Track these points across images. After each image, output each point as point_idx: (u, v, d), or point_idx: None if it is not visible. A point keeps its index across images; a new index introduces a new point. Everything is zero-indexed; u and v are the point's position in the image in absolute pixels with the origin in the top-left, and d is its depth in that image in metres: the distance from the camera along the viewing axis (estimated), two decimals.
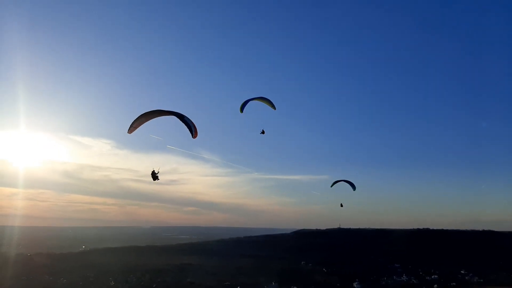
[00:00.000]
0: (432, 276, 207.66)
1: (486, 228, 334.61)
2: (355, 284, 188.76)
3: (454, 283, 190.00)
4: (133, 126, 29.46)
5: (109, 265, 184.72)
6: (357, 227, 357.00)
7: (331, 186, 54.90)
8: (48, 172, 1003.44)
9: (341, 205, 59.19)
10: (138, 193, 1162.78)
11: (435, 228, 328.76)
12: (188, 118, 29.10)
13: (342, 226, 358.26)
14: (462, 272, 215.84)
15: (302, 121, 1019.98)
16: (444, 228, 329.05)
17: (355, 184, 54.33)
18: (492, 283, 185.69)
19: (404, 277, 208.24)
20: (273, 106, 36.03)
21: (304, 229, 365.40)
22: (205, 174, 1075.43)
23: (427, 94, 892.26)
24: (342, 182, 54.51)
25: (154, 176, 32.01)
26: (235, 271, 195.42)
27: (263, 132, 35.95)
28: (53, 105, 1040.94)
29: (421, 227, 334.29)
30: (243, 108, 35.24)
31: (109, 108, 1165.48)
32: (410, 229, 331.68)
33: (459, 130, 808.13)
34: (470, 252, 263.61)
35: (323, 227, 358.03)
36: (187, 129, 30.29)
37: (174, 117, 28.99)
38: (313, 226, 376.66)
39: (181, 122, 29.59)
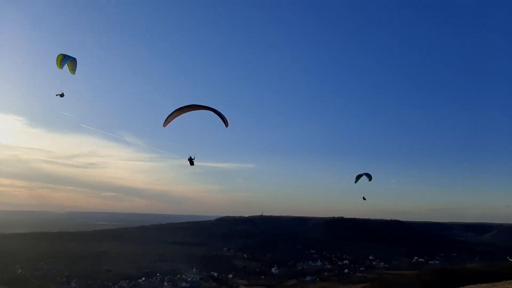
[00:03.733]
0: (344, 262, 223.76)
1: (393, 218, 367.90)
2: (273, 270, 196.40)
3: (363, 268, 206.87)
4: (167, 121, 30.47)
5: (17, 252, 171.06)
6: (278, 215, 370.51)
7: (355, 183, 54.14)
8: None
9: (364, 198, 59.68)
10: (52, 176, 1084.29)
11: (348, 217, 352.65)
12: (219, 111, 30.47)
13: (264, 214, 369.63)
14: (370, 258, 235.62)
15: (230, 110, 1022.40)
16: (357, 217, 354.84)
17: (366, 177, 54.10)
18: (395, 268, 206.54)
19: (319, 263, 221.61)
20: (72, 70, 36.78)
21: (228, 216, 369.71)
22: (127, 158, 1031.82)
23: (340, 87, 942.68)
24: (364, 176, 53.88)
25: (191, 161, 33.01)
26: (155, 258, 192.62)
27: (62, 95, 35.76)
28: None
29: (336, 215, 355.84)
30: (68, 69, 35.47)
31: (22, 81, 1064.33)
32: (327, 218, 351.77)
33: (372, 123, 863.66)
34: (378, 240, 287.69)
35: (246, 214, 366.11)
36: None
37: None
38: (236, 213, 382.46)
39: (201, 114, 31.29)
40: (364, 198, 59.18)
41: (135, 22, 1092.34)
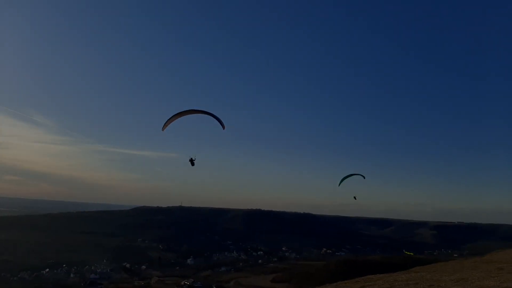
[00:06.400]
0: (258, 252, 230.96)
1: (306, 211, 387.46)
2: (189, 260, 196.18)
3: (276, 259, 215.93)
4: (166, 124, 33.10)
5: None
6: (198, 206, 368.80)
7: (339, 185, 52.41)
8: None
9: (355, 198, 59.34)
10: None
11: (265, 209, 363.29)
12: (216, 115, 33.39)
13: (183, 205, 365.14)
14: (284, 249, 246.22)
15: (153, 95, 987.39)
16: (273, 210, 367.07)
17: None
18: (305, 259, 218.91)
19: (235, 254, 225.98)
20: None
21: (144, 206, 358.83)
22: (35, 140, 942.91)
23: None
24: (355, 176, 52.45)
25: (192, 162, 34.86)
26: (62, 248, 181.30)
27: None
28: None
29: (254, 207, 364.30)
30: None
31: None
32: (245, 209, 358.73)
33: (284, 116, 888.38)
34: (291, 232, 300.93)
35: (165, 204, 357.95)
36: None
37: None
38: (154, 204, 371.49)
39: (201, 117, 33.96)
40: (354, 198, 60.69)
41: None
